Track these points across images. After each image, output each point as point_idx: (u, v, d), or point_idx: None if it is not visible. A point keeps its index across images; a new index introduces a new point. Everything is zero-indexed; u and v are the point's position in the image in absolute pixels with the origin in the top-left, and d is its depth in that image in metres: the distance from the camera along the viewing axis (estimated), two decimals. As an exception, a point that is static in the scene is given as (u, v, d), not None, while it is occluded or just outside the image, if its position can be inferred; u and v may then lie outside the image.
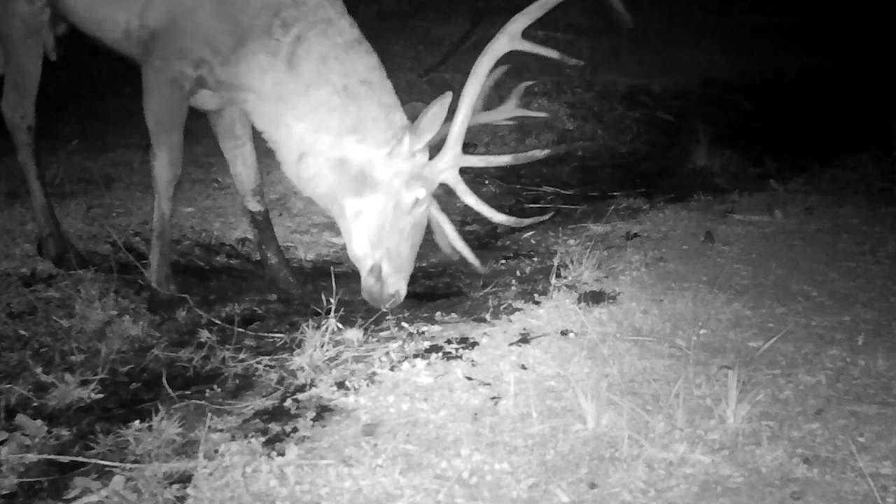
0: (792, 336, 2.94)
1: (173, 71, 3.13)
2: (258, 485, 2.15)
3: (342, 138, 3.15)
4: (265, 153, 3.64)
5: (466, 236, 4.57)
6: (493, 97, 3.50)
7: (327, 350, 2.89)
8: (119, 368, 2.86)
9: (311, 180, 3.24)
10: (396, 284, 3.22)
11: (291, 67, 3.10)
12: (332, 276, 3.33)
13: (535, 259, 3.99)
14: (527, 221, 3.45)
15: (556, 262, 3.56)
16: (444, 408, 2.51)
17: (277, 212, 4.53)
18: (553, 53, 3.13)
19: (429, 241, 4.45)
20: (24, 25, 3.43)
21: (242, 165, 3.58)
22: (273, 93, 3.14)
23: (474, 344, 2.92)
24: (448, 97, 3.02)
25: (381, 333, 3.07)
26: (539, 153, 3.33)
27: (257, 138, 3.60)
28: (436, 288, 3.74)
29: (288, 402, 2.58)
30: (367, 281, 3.24)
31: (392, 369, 2.75)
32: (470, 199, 3.29)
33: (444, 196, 3.54)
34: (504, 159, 3.39)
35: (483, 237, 4.56)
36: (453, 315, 3.25)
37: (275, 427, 2.43)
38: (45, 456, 2.32)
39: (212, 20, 3.07)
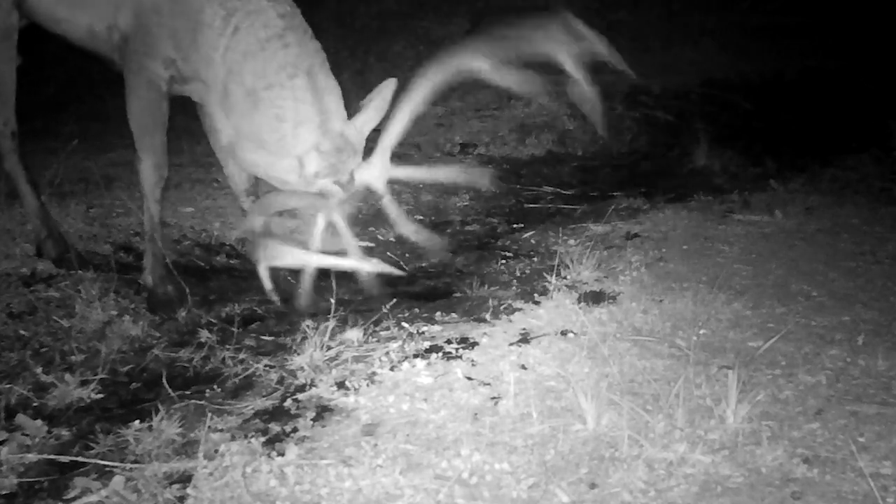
0: (792, 336, 2.94)
1: (148, 72, 3.14)
2: (258, 485, 2.15)
3: (252, 141, 3.07)
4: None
5: (466, 235, 4.60)
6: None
7: (327, 350, 2.89)
8: (119, 368, 2.86)
9: (235, 158, 3.25)
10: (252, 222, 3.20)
11: (223, 61, 3.03)
12: (332, 276, 3.33)
13: (535, 259, 3.99)
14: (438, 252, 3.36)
15: (556, 262, 3.56)
16: (444, 408, 2.51)
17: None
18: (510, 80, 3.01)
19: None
20: None
21: (233, 165, 3.57)
22: (213, 85, 3.10)
23: (474, 344, 2.92)
24: (387, 92, 2.97)
25: (381, 333, 3.07)
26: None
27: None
28: (436, 288, 3.74)
29: (288, 402, 2.58)
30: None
31: (392, 369, 2.75)
32: (394, 212, 3.20)
33: (444, 195, 3.52)
34: (435, 173, 3.26)
35: (483, 237, 4.56)
36: (453, 315, 3.25)
37: (275, 427, 2.44)
38: (45, 456, 2.32)
39: (169, 17, 3.07)
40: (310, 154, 3.00)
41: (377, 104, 3.02)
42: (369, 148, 3.13)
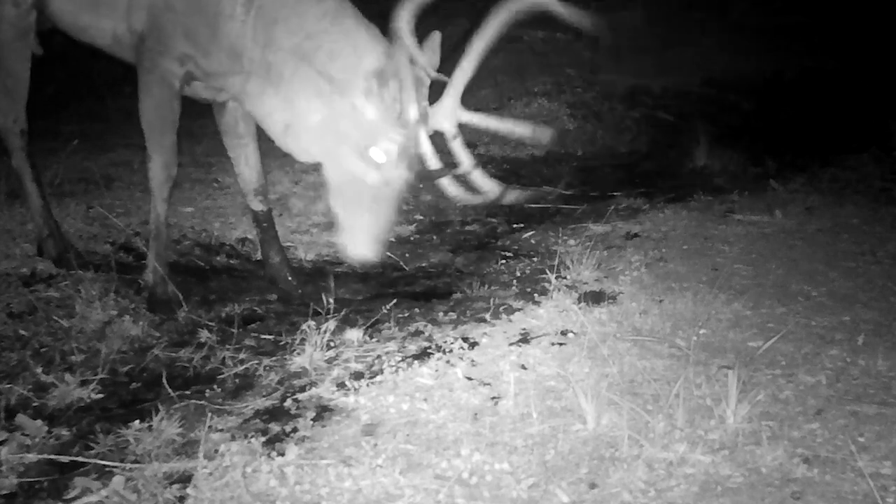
0: (792, 336, 2.94)
1: (161, 70, 3.15)
2: (258, 485, 2.15)
3: (310, 102, 3.04)
4: (267, 153, 3.64)
5: (466, 235, 4.60)
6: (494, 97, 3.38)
7: (327, 350, 2.89)
8: (119, 368, 2.86)
9: (292, 144, 3.15)
10: (358, 251, 3.05)
11: (255, 43, 3.05)
12: (332, 276, 3.33)
13: (535, 259, 3.99)
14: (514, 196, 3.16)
15: (556, 262, 3.56)
16: (444, 408, 2.51)
17: (278, 212, 4.52)
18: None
19: (428, 241, 4.48)
20: (11, 29, 3.43)
21: (245, 165, 3.58)
22: (251, 73, 3.10)
23: (474, 344, 2.92)
24: (437, 37, 2.88)
25: (381, 333, 3.07)
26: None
27: (261, 139, 3.60)
28: (436, 288, 3.74)
29: (288, 402, 2.58)
30: (341, 239, 3.12)
31: (392, 369, 2.75)
32: (462, 154, 3.05)
33: (444, 195, 3.50)
34: (503, 124, 3.07)
35: (483, 237, 4.56)
36: (453, 315, 3.25)
37: (275, 427, 2.44)
38: (45, 456, 2.32)
39: (184, 15, 3.08)
40: (381, 76, 2.92)
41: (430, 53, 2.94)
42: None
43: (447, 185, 3.07)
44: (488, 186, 3.07)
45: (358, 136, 2.99)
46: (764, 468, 2.18)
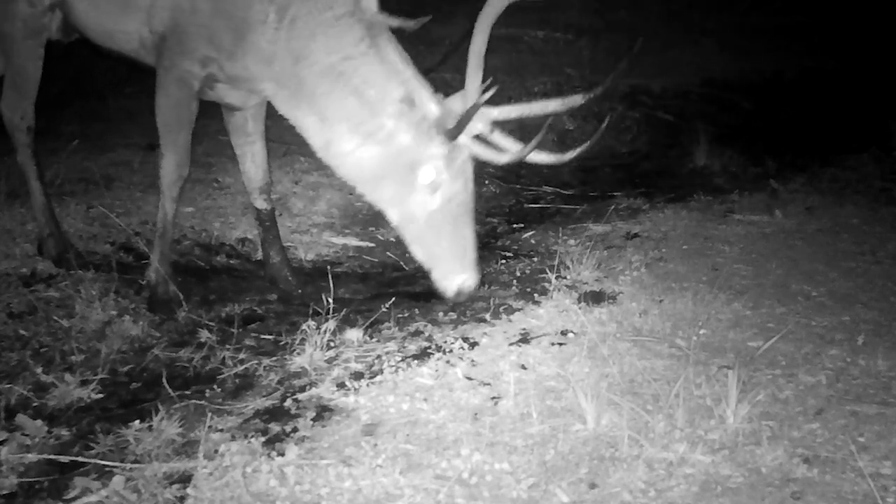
0: (792, 336, 2.94)
1: (181, 70, 3.15)
2: (258, 485, 2.15)
3: (341, 125, 3.05)
4: (269, 153, 3.65)
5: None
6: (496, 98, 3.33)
7: (327, 350, 2.89)
8: (119, 368, 2.86)
9: (339, 170, 3.16)
10: (454, 280, 3.04)
11: (289, 52, 3.04)
12: (331, 276, 3.33)
13: (535, 259, 3.99)
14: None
15: (556, 262, 3.56)
16: (444, 408, 2.51)
17: (278, 212, 4.51)
18: None
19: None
20: (24, 27, 3.45)
21: (251, 163, 3.58)
22: (282, 81, 3.10)
23: (474, 344, 2.92)
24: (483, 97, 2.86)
25: (381, 333, 3.07)
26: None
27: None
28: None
29: (288, 402, 2.58)
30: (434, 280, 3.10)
31: (392, 369, 2.75)
32: (506, 143, 3.07)
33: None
34: (531, 108, 3.07)
35: (483, 237, 4.55)
36: (453, 315, 3.25)
37: (275, 427, 2.44)
38: (45, 456, 2.32)
39: (210, 18, 3.08)
40: (410, 99, 2.94)
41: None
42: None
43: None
44: (554, 157, 3.16)
45: (400, 160, 3.00)
46: (764, 468, 2.18)
